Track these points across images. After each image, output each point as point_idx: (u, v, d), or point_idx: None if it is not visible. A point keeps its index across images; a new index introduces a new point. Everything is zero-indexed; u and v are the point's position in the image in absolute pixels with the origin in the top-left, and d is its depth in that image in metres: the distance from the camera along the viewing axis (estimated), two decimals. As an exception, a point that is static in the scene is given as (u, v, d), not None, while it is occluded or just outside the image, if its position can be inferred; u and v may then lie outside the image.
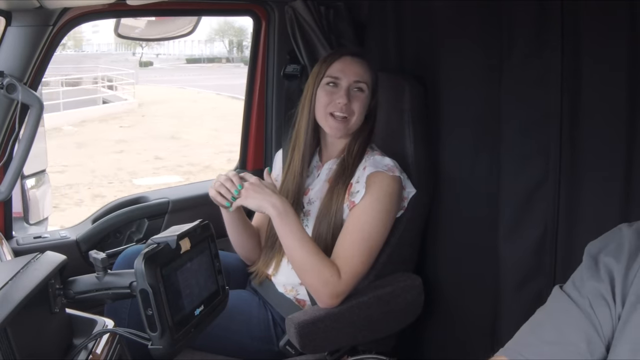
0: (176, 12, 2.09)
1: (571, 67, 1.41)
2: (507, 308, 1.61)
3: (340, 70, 1.63)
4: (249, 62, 2.31)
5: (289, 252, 1.55)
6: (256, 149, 2.31)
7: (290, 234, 1.52)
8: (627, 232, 0.86)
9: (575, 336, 0.83)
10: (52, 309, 1.05)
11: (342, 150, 1.68)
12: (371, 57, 2.00)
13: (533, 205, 1.53)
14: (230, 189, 1.51)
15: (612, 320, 0.82)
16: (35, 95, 1.58)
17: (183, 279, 1.08)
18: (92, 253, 1.09)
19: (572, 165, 1.45)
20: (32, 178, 1.98)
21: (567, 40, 1.41)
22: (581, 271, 0.86)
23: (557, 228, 1.50)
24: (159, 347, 1.01)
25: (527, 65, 1.50)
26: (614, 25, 1.33)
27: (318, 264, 1.50)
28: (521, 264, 1.57)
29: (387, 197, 1.56)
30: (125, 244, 2.06)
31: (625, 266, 0.82)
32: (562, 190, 1.48)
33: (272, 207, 1.51)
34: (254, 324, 1.65)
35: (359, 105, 1.62)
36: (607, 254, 0.85)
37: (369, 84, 1.64)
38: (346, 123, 1.62)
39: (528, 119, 1.52)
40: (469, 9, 1.68)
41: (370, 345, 1.67)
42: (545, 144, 1.49)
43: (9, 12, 1.57)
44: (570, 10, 1.40)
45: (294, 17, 2.05)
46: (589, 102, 1.40)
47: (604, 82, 1.37)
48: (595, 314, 0.82)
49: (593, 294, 0.83)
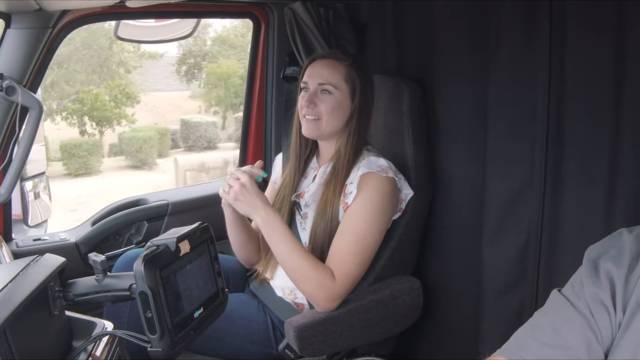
0: (176, 15, 2.09)
1: (558, 69, 1.41)
2: (488, 314, 1.62)
3: (308, 75, 1.65)
4: (249, 64, 2.31)
5: (280, 259, 1.55)
6: (255, 151, 2.31)
7: (279, 242, 1.52)
8: (627, 238, 0.85)
9: (574, 340, 0.82)
10: (51, 311, 1.05)
11: (336, 153, 1.68)
12: (370, 58, 2.02)
13: (516, 210, 1.53)
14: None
15: (612, 328, 0.81)
16: (35, 97, 1.58)
17: (182, 281, 1.07)
18: (91, 255, 1.09)
19: (557, 170, 1.45)
20: (32, 180, 1.98)
21: (554, 42, 1.41)
22: (580, 276, 0.86)
23: (540, 233, 1.49)
24: (158, 349, 1.01)
25: (514, 66, 1.50)
26: (601, 27, 1.32)
27: (310, 269, 1.50)
28: (504, 270, 1.57)
29: (379, 198, 1.56)
30: (125, 246, 2.06)
31: (626, 273, 0.82)
32: (546, 194, 1.47)
33: (258, 216, 1.52)
34: (253, 327, 1.65)
35: (325, 107, 1.61)
36: (608, 260, 0.84)
37: (339, 85, 1.62)
38: (318, 125, 1.62)
39: (514, 121, 1.52)
40: (462, 10, 1.68)
41: (370, 348, 1.67)
42: (531, 147, 1.49)
43: (9, 14, 1.57)
44: (559, 11, 1.40)
45: (293, 19, 2.05)
46: (575, 104, 1.40)
47: (591, 84, 1.36)
48: (595, 320, 0.82)
49: (593, 300, 0.83)
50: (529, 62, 1.46)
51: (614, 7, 1.30)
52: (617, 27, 1.30)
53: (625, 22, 1.29)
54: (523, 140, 1.50)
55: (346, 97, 1.63)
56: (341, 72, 1.63)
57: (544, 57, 1.43)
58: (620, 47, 1.30)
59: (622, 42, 1.30)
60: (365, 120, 1.67)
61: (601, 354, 0.82)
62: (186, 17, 2.11)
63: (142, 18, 2.02)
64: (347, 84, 1.63)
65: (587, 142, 1.39)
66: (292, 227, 1.68)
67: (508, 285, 1.57)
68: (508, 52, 1.51)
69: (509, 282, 1.56)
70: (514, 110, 1.52)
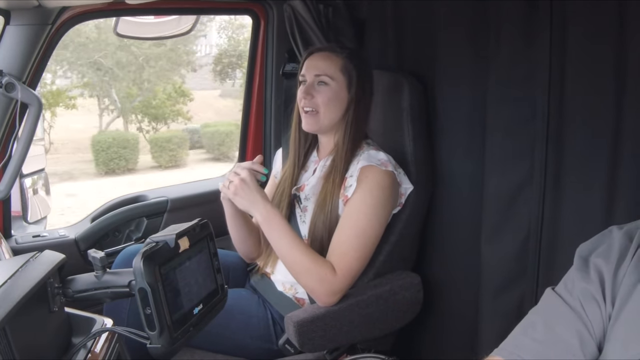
0: (175, 11, 2.08)
1: (559, 67, 1.41)
2: (487, 311, 1.62)
3: (306, 68, 1.66)
4: (248, 61, 2.31)
5: (280, 254, 1.56)
6: (255, 147, 2.31)
7: (279, 237, 1.53)
8: (617, 234, 0.87)
9: (567, 334, 0.84)
10: (51, 307, 1.05)
11: (335, 146, 1.68)
12: (370, 54, 2.01)
13: (516, 207, 1.53)
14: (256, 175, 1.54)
15: (603, 320, 0.83)
16: (34, 94, 1.58)
17: (182, 277, 1.07)
18: (91, 252, 1.09)
19: (557, 167, 1.44)
20: (31, 177, 1.98)
21: (555, 40, 1.41)
22: (572, 273, 0.88)
23: (540, 231, 1.49)
24: (157, 345, 1.01)
25: (514, 64, 1.50)
26: (602, 26, 1.32)
27: (311, 263, 1.50)
28: (503, 268, 1.57)
29: (379, 191, 1.56)
30: (124, 242, 2.07)
31: (615, 266, 0.84)
32: (546, 192, 1.47)
33: (257, 211, 1.52)
34: (253, 322, 1.65)
35: (322, 98, 1.61)
36: (598, 256, 0.86)
37: (335, 76, 1.62)
38: (316, 117, 1.63)
39: (514, 120, 1.52)
40: (462, 6, 1.68)
41: (370, 344, 1.67)
42: (531, 144, 1.48)
43: (8, 11, 1.57)
44: (559, 11, 1.39)
45: (293, 15, 2.05)
46: (576, 102, 1.40)
47: (591, 82, 1.36)
48: (586, 313, 0.84)
49: (584, 295, 0.84)
50: (529, 61, 1.46)
51: (615, 7, 1.29)
52: (618, 27, 1.29)
53: (626, 23, 1.28)
54: (523, 139, 1.50)
55: (342, 88, 1.63)
56: (337, 64, 1.63)
57: (544, 56, 1.42)
58: (621, 46, 1.29)
59: (623, 42, 1.29)
60: (362, 112, 1.67)
61: (594, 346, 0.84)
62: (185, 13, 2.11)
63: (141, 15, 2.02)
64: (343, 75, 1.63)
65: (586, 140, 1.38)
66: (292, 220, 1.69)
67: (507, 282, 1.57)
68: (508, 51, 1.50)
69: (509, 279, 1.56)
70: (514, 108, 1.51)
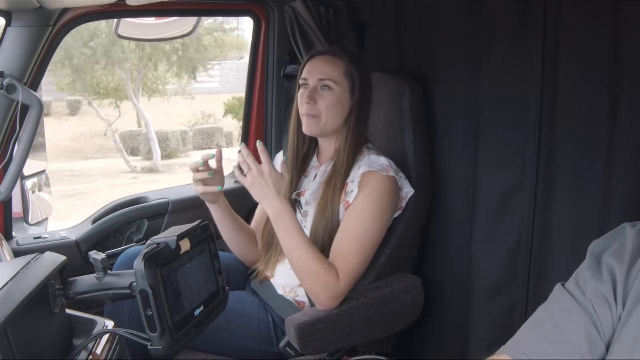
0: (176, 13, 2.09)
1: (552, 68, 1.41)
2: (479, 315, 1.62)
3: (308, 71, 1.64)
4: (249, 63, 2.30)
5: (287, 254, 1.55)
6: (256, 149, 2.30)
7: (287, 236, 1.52)
8: (630, 233, 0.86)
9: (576, 335, 0.83)
10: (52, 309, 1.05)
11: (337, 151, 1.68)
12: (371, 57, 2.01)
13: (508, 211, 1.52)
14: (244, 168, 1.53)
15: (613, 321, 0.82)
16: (36, 95, 1.58)
17: (183, 279, 1.07)
18: (92, 254, 1.09)
19: (549, 170, 1.44)
20: (32, 179, 1.98)
21: (548, 41, 1.40)
22: (584, 271, 0.87)
23: (532, 234, 1.49)
24: (158, 347, 1.01)
25: (507, 65, 1.50)
26: (596, 27, 1.32)
27: (317, 266, 1.50)
28: (494, 270, 1.56)
29: (380, 197, 1.55)
30: (125, 244, 2.06)
31: (627, 267, 0.83)
32: (538, 195, 1.46)
33: (269, 206, 1.51)
34: (254, 325, 1.65)
35: (325, 103, 1.60)
36: (610, 255, 0.85)
37: (339, 80, 1.61)
38: (318, 122, 1.62)
39: (506, 122, 1.51)
40: (459, 9, 1.68)
41: (370, 346, 1.67)
42: (523, 146, 1.48)
43: (9, 13, 1.57)
44: (553, 11, 1.39)
45: (294, 17, 2.05)
46: (569, 104, 1.39)
47: (585, 83, 1.36)
48: (597, 314, 0.83)
49: (595, 295, 0.83)
50: (523, 60, 1.46)
51: (610, 9, 1.29)
52: (613, 27, 1.29)
53: (621, 23, 1.28)
54: (515, 140, 1.50)
55: (346, 93, 1.62)
56: (341, 68, 1.62)
57: (537, 54, 1.42)
58: (616, 48, 1.29)
59: (618, 43, 1.29)
60: (364, 117, 1.67)
61: (603, 347, 0.83)
62: (187, 15, 2.11)
63: (142, 16, 2.02)
64: (346, 80, 1.62)
65: (580, 142, 1.38)
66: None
67: (498, 286, 1.57)
68: (500, 51, 1.51)
69: (500, 282, 1.56)
70: (506, 110, 1.51)
